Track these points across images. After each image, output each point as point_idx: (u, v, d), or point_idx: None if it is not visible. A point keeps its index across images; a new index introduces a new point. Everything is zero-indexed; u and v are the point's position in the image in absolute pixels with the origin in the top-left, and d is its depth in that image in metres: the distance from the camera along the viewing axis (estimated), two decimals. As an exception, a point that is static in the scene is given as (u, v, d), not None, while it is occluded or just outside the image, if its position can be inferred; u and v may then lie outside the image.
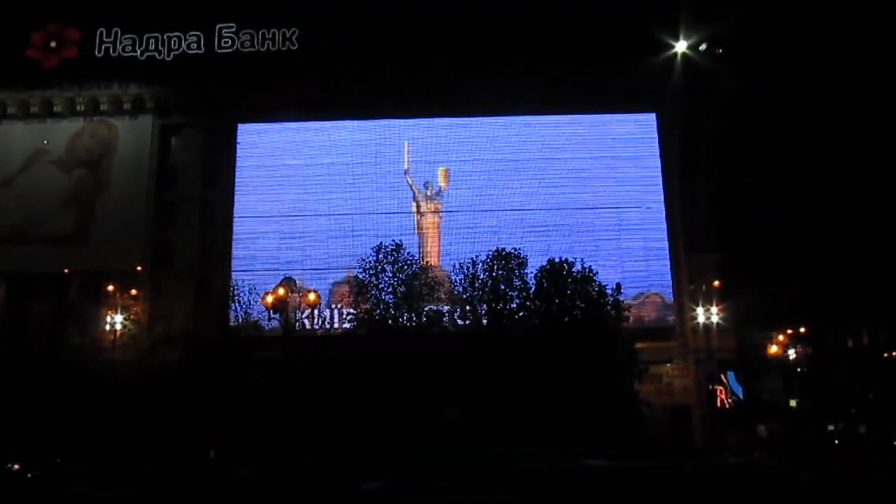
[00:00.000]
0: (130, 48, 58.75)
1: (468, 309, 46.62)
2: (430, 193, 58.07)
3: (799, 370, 58.80)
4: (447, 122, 58.52)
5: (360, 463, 32.50)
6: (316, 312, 53.29)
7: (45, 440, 40.62)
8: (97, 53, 58.77)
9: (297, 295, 47.66)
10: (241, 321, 51.03)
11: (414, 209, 58.02)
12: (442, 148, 58.24)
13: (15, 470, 36.08)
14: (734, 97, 55.07)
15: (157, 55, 58.64)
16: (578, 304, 44.88)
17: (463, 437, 39.43)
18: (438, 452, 34.88)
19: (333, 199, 57.72)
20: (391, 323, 46.17)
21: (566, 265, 45.70)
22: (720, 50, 56.43)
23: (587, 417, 39.62)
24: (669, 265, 56.51)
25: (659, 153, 58.06)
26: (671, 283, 56.39)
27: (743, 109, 55.16)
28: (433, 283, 48.01)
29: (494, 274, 46.22)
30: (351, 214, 57.28)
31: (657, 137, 58.26)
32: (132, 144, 58.68)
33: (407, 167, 58.06)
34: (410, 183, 58.07)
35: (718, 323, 51.64)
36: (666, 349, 53.73)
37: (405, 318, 46.55)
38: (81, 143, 58.93)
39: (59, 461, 37.71)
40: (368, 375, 41.56)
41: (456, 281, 47.79)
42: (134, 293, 53.23)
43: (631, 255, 56.62)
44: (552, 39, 54.44)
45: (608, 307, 45.00)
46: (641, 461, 28.58)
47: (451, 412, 41.72)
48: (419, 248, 55.83)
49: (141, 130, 58.86)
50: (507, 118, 58.52)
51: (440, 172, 58.28)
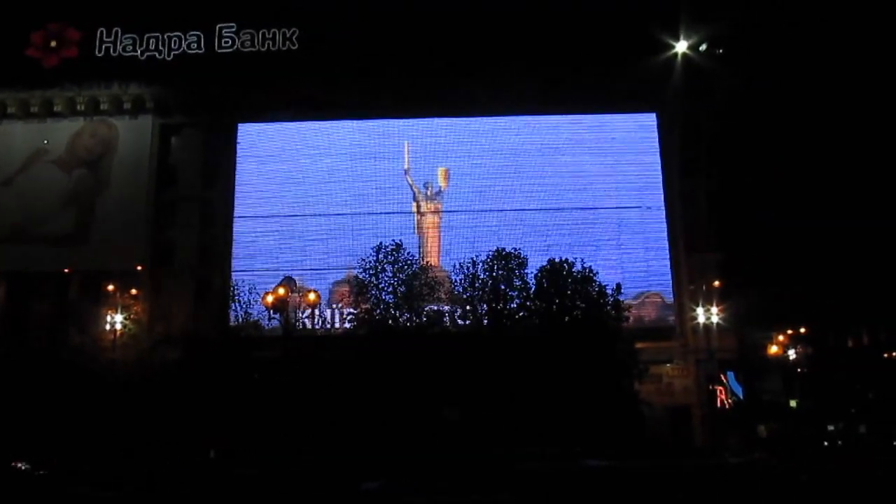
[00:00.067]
0: (131, 48, 58.77)
1: (468, 309, 46.64)
2: (430, 193, 58.06)
3: (799, 370, 58.77)
4: (447, 122, 58.51)
5: (360, 463, 32.54)
6: (316, 312, 53.22)
7: (45, 440, 40.57)
8: (97, 53, 58.79)
9: (297, 295, 47.67)
10: (241, 321, 51.13)
11: (414, 209, 58.00)
12: (442, 148, 58.25)
13: (22, 469, 36.11)
14: (734, 97, 55.05)
15: (157, 55, 58.65)
16: (578, 304, 44.88)
17: (463, 437, 39.46)
18: (438, 452, 34.91)
19: (333, 198, 57.71)
20: (391, 323, 46.18)
21: (566, 265, 45.72)
22: (720, 50, 56.45)
23: (587, 417, 39.63)
24: (669, 265, 56.49)
25: (659, 153, 58.02)
26: (671, 283, 56.36)
27: (743, 109, 55.14)
28: (433, 283, 48.03)
29: (494, 274, 46.24)
30: (351, 214, 57.26)
31: (657, 137, 58.24)
32: (132, 144, 58.72)
33: (407, 167, 58.05)
34: (410, 183, 58.06)
35: (718, 323, 51.57)
36: (666, 349, 53.69)
37: (405, 318, 46.55)
38: (81, 142, 58.96)
39: (62, 460, 37.65)
40: (368, 375, 41.56)
41: (456, 281, 47.80)
42: (134, 293, 53.25)
43: (631, 255, 56.58)
44: (552, 39, 54.44)
45: (608, 307, 45.01)
46: (641, 461, 28.58)
47: (451, 412, 41.75)
48: (419, 248, 55.80)
49: (141, 130, 58.90)
50: (507, 118, 58.52)
51: (440, 172, 58.27)
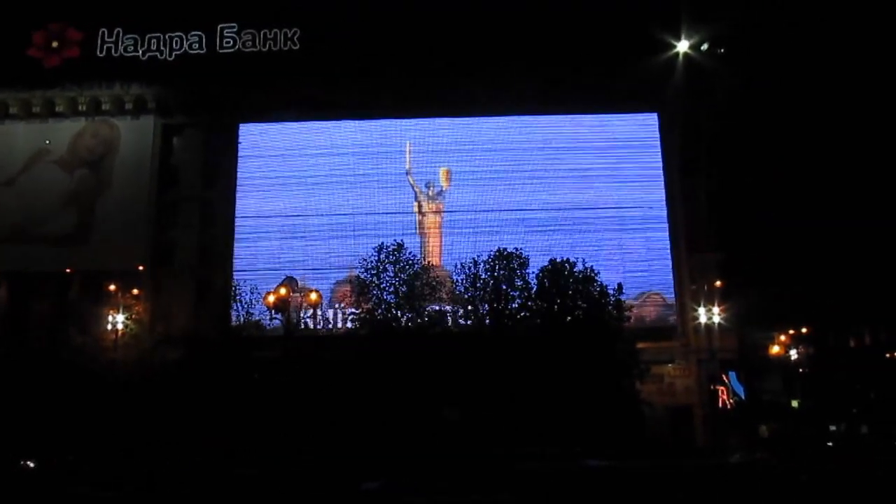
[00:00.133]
0: (132, 48, 58.77)
1: (469, 309, 46.66)
2: (431, 193, 58.03)
3: (800, 370, 58.80)
4: (449, 122, 58.49)
5: (360, 463, 32.56)
6: (318, 312, 53.20)
7: (46, 440, 40.58)
8: (99, 53, 58.79)
9: (298, 295, 47.61)
10: (242, 321, 51.17)
11: (416, 209, 57.98)
12: (443, 148, 58.21)
13: (29, 467, 36.27)
14: (735, 97, 55.03)
15: (158, 55, 58.65)
16: (580, 304, 44.87)
17: (463, 437, 39.47)
18: (439, 452, 34.93)
19: (335, 198, 57.66)
20: (393, 323, 46.17)
21: (568, 265, 45.72)
22: (721, 50, 56.39)
23: (588, 417, 39.62)
24: (671, 265, 56.37)
25: (660, 153, 57.89)
26: (672, 282, 56.23)
27: (744, 109, 55.15)
28: (435, 282, 48.05)
29: (496, 274, 46.22)
30: (352, 214, 57.22)
31: (658, 137, 58.11)
32: (134, 144, 58.77)
33: (409, 167, 58.03)
34: (412, 183, 58.04)
35: (720, 323, 51.48)
36: (667, 349, 53.60)
37: (407, 318, 46.54)
38: (83, 142, 59.00)
39: (63, 460, 37.70)
40: (369, 375, 41.56)
41: (457, 281, 47.77)
42: (135, 293, 53.17)
43: (632, 254, 56.49)
44: (553, 39, 54.41)
45: (610, 307, 44.97)
46: (641, 461, 28.58)
47: (451, 412, 41.74)
48: (421, 247, 55.75)
49: (142, 130, 58.94)
50: (508, 118, 58.47)
51: (442, 172, 58.25)
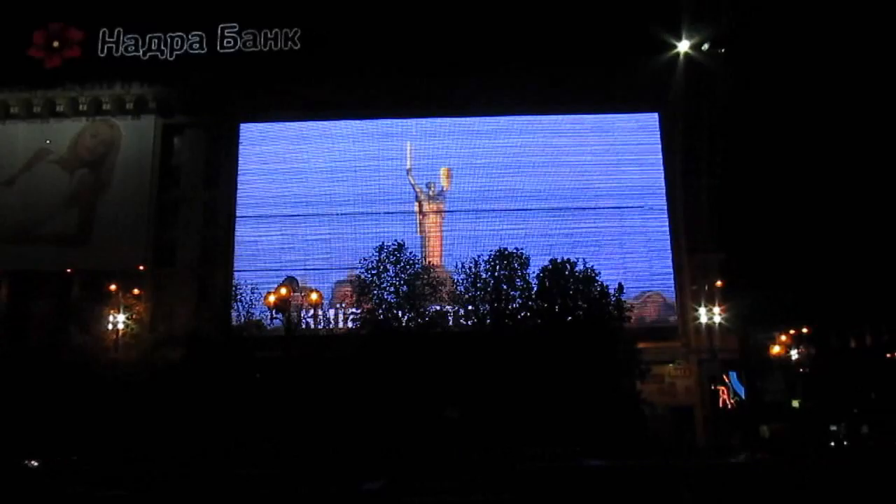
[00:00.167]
0: (133, 48, 58.77)
1: (470, 309, 46.62)
2: (432, 193, 58.02)
3: (801, 370, 58.75)
4: (450, 122, 58.46)
5: (360, 463, 32.57)
6: (321, 313, 53.18)
7: (46, 440, 40.57)
8: (100, 53, 58.77)
9: (299, 295, 47.59)
10: (243, 321, 51.13)
11: (416, 209, 57.96)
12: (444, 148, 58.18)
13: (34, 466, 36.31)
14: (736, 97, 55.09)
15: (159, 55, 58.65)
16: (580, 304, 44.79)
17: (464, 436, 39.48)
18: (439, 452, 34.95)
19: (336, 198, 57.65)
20: (394, 323, 46.15)
21: (568, 265, 45.65)
22: (722, 50, 56.38)
23: (588, 417, 39.57)
24: (671, 265, 56.30)
25: (661, 153, 57.84)
26: (673, 283, 56.18)
27: (745, 109, 55.22)
28: (435, 282, 48.01)
29: (496, 274, 46.17)
30: (353, 214, 57.23)
31: (659, 137, 58.09)
32: (134, 144, 58.76)
33: (409, 167, 58.03)
34: (413, 183, 58.02)
35: (721, 323, 51.53)
36: (668, 349, 53.55)
37: (407, 318, 46.51)
38: (84, 142, 59.02)
39: (63, 460, 37.70)
40: (370, 375, 41.54)
41: (458, 281, 47.71)
42: (136, 293, 53.21)
43: (633, 254, 56.44)
44: (553, 39, 54.39)
45: (610, 307, 44.92)
46: (642, 461, 28.57)
47: (452, 412, 41.72)
48: (421, 247, 55.72)
49: (143, 130, 58.93)
50: (509, 118, 58.41)
51: (442, 172, 58.23)
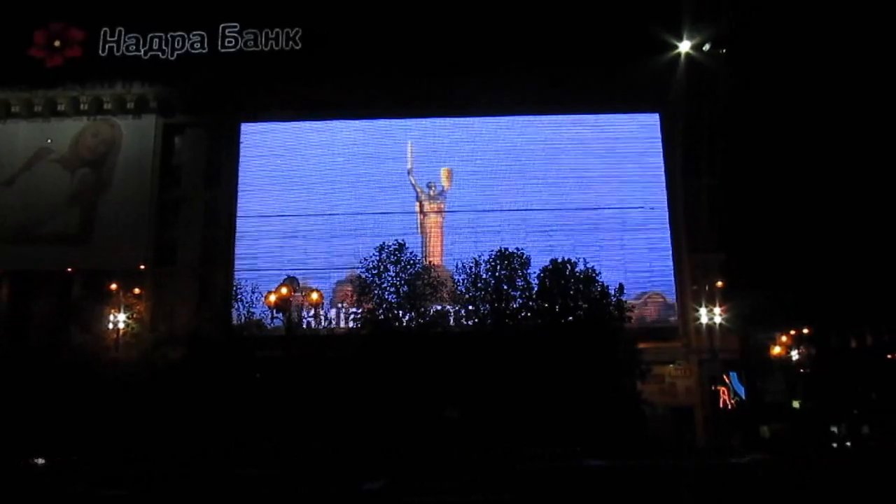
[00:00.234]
0: (134, 48, 58.84)
1: (471, 309, 46.63)
2: (432, 193, 58.03)
3: (802, 371, 58.72)
4: (450, 122, 58.53)
5: (360, 463, 32.58)
6: (322, 313, 53.16)
7: (47, 439, 40.61)
8: (101, 53, 58.87)
9: (299, 294, 47.60)
10: (243, 320, 51.16)
11: (417, 209, 57.97)
12: (445, 148, 58.25)
13: (41, 464, 36.44)
14: (737, 97, 55.06)
15: (160, 55, 58.72)
16: (581, 304, 44.78)
17: (464, 436, 39.48)
18: (439, 452, 34.95)
19: (336, 198, 57.70)
20: (394, 323, 46.15)
21: (569, 265, 45.65)
22: (723, 50, 56.36)
23: (589, 418, 39.58)
24: (672, 265, 56.31)
25: (662, 153, 57.85)
26: (674, 283, 56.20)
27: (746, 110, 55.18)
28: (436, 282, 47.98)
29: (497, 274, 46.17)
30: (354, 214, 57.27)
31: (660, 137, 58.07)
32: (135, 144, 58.80)
33: (410, 167, 58.03)
34: (413, 183, 58.03)
35: (721, 323, 51.48)
36: (669, 349, 53.54)
37: (408, 318, 46.51)
38: (85, 142, 59.05)
39: (63, 460, 37.76)
40: (370, 375, 41.54)
41: (459, 281, 47.71)
42: (136, 292, 53.22)
43: (634, 255, 56.41)
44: (554, 39, 54.40)
45: (611, 307, 44.91)
46: (642, 461, 28.57)
47: (452, 412, 41.73)
48: (422, 247, 55.72)
49: (144, 130, 58.97)
50: (509, 118, 58.44)
51: (443, 172, 58.23)
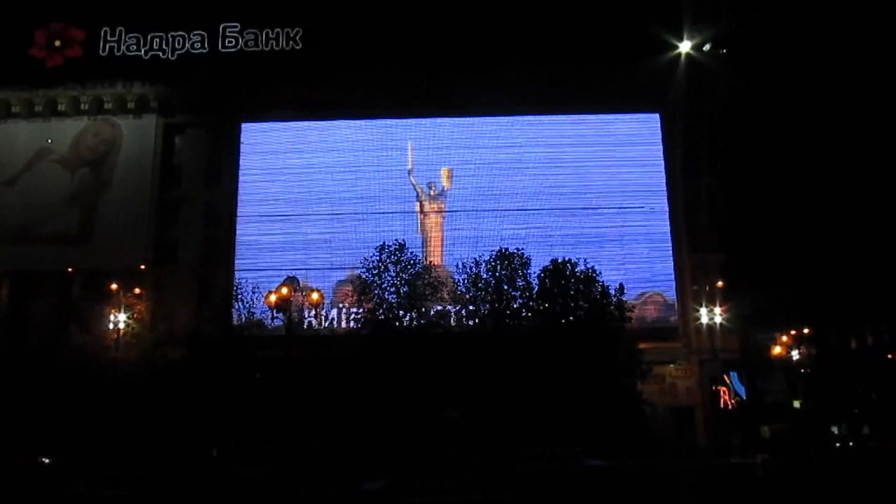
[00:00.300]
0: (134, 47, 58.87)
1: (471, 309, 46.63)
2: (433, 193, 58.02)
3: (802, 371, 58.72)
4: (451, 122, 58.48)
5: (360, 463, 32.58)
6: (323, 313, 53.11)
7: (47, 439, 40.63)
8: (101, 52, 58.89)
9: (300, 294, 47.58)
10: (244, 320, 51.16)
11: (417, 209, 57.96)
12: (445, 148, 58.21)
13: (47, 463, 36.52)
14: (738, 98, 55.05)
15: (161, 54, 58.73)
16: (581, 304, 44.78)
17: (464, 436, 39.47)
18: (440, 452, 34.95)
19: (337, 198, 57.72)
20: (395, 323, 46.14)
21: (569, 265, 45.65)
22: (723, 50, 56.35)
23: (589, 418, 39.57)
24: (672, 265, 56.30)
25: (662, 153, 57.84)
26: (674, 283, 56.18)
27: (746, 110, 55.17)
28: (436, 282, 48.01)
29: (497, 274, 46.19)
30: (354, 214, 57.26)
31: (661, 138, 58.06)
32: (136, 143, 58.79)
33: (411, 167, 58.02)
34: (414, 183, 58.01)
35: (722, 323, 51.47)
36: (669, 350, 53.52)
37: (408, 317, 46.51)
38: (85, 142, 59.03)
39: (63, 459, 37.80)
40: (371, 375, 41.54)
41: (459, 281, 47.75)
42: (137, 292, 53.16)
43: (634, 255, 56.39)
44: (554, 39, 54.41)
45: (611, 307, 44.90)
46: (642, 462, 28.55)
47: (452, 412, 41.72)
48: (422, 247, 55.72)
49: (144, 130, 58.97)
50: (510, 118, 58.43)
51: (443, 172, 58.23)
